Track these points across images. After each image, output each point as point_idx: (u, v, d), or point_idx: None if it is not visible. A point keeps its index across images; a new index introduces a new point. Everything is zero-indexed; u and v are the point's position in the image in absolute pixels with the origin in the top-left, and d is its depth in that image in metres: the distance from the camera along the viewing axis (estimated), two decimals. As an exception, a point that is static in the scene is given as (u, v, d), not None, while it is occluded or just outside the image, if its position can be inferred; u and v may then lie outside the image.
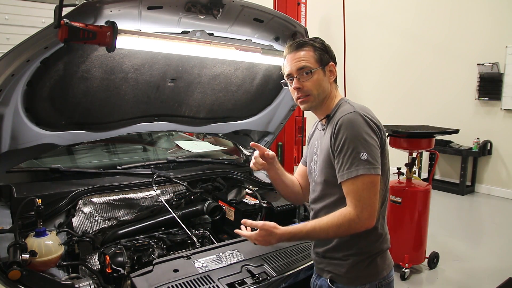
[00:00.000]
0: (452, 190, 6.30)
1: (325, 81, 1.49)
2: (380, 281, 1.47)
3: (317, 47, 1.49)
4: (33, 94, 1.73)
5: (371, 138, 1.36)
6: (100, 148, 2.75)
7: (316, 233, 1.40)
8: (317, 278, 1.58)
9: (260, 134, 2.80)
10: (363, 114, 1.39)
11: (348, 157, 1.34)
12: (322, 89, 1.48)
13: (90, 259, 1.88)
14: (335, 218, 1.36)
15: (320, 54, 1.48)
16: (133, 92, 2.04)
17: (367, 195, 1.33)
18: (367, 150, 1.34)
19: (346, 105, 1.47)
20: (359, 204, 1.33)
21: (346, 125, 1.37)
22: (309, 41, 1.51)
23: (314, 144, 1.60)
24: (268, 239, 1.43)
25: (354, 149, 1.34)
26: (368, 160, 1.33)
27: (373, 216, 1.35)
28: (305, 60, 1.46)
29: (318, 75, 1.47)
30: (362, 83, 7.71)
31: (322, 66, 1.48)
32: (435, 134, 3.67)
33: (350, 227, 1.34)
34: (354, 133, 1.35)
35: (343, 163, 1.36)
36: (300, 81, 1.47)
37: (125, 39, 1.52)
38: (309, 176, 1.64)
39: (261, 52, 1.98)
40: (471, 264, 3.85)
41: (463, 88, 6.39)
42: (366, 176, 1.33)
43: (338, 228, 1.35)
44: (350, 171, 1.34)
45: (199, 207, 2.21)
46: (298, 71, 1.47)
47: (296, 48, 1.49)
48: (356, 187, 1.34)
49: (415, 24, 6.97)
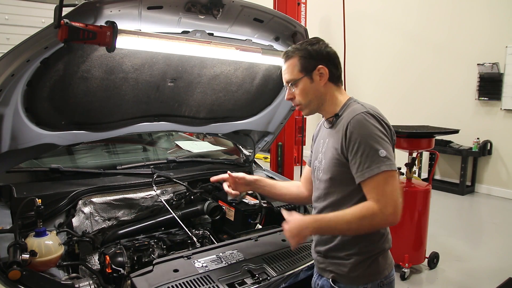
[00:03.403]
0: (452, 190, 6.30)
1: (314, 87, 1.47)
2: (382, 281, 1.47)
3: (302, 55, 1.47)
4: (33, 94, 1.73)
5: (384, 135, 1.37)
6: (100, 148, 2.74)
7: (337, 222, 1.37)
8: (319, 278, 1.58)
9: (260, 134, 2.80)
10: (374, 113, 1.40)
11: (366, 155, 1.34)
12: (311, 97, 1.48)
13: (90, 259, 1.88)
14: (357, 209, 1.34)
15: (304, 61, 1.46)
16: (133, 92, 2.03)
17: (390, 190, 1.32)
18: (384, 147, 1.34)
19: (355, 104, 1.46)
20: (382, 199, 1.32)
21: (359, 125, 1.36)
22: (295, 50, 1.49)
23: (319, 142, 1.59)
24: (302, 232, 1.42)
25: (372, 147, 1.33)
26: (387, 156, 1.33)
27: (397, 212, 1.33)
28: (288, 74, 1.49)
29: (303, 84, 1.47)
30: (362, 83, 7.71)
31: (307, 73, 1.46)
32: (435, 134, 3.67)
33: (373, 220, 1.32)
34: (369, 131, 1.35)
35: (361, 162, 1.34)
36: (289, 92, 1.51)
37: (125, 39, 1.52)
38: (312, 175, 1.64)
39: (261, 52, 1.98)
40: (471, 264, 3.85)
41: (463, 88, 6.39)
42: (388, 172, 1.33)
43: (360, 220, 1.33)
44: (371, 169, 1.33)
45: (199, 207, 2.21)
46: (286, 84, 1.51)
47: (284, 59, 1.52)
48: (377, 184, 1.33)
49: (415, 24, 6.97)
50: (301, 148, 5.40)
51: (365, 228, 1.37)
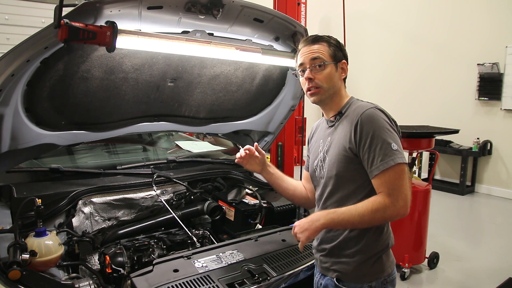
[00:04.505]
0: (452, 190, 6.30)
1: (336, 77, 1.51)
2: (385, 278, 1.48)
3: (332, 43, 1.52)
4: (33, 94, 1.73)
5: (393, 130, 1.41)
6: (100, 148, 2.74)
7: (350, 215, 1.37)
8: (322, 277, 1.57)
9: (260, 134, 2.80)
10: (382, 109, 1.44)
11: (380, 149, 1.36)
12: (332, 83, 1.50)
13: (90, 259, 1.87)
14: (369, 203, 1.36)
15: (334, 50, 1.50)
16: (133, 92, 2.03)
17: (400, 183, 1.35)
18: (395, 140, 1.38)
19: (360, 102, 1.50)
20: (394, 192, 1.34)
21: (370, 120, 1.39)
22: (325, 36, 1.54)
23: (319, 143, 1.60)
24: (311, 224, 1.42)
25: (384, 141, 1.36)
26: (398, 150, 1.37)
27: (407, 204, 1.36)
28: (319, 53, 1.49)
29: (330, 69, 1.49)
30: (362, 83, 7.71)
31: (335, 61, 1.50)
32: (435, 134, 3.67)
33: (385, 213, 1.34)
34: (380, 126, 1.38)
35: (375, 156, 1.36)
36: (312, 73, 1.49)
37: (125, 39, 1.52)
38: (312, 176, 1.64)
39: (261, 52, 1.97)
40: (471, 264, 3.85)
41: (463, 88, 6.39)
42: (400, 165, 1.35)
43: (373, 213, 1.34)
44: (386, 162, 1.35)
45: (199, 207, 2.21)
46: (311, 62, 1.49)
47: (311, 41, 1.52)
48: (389, 177, 1.35)
49: (415, 24, 6.97)
50: (301, 148, 5.40)
51: (376, 221, 1.39)
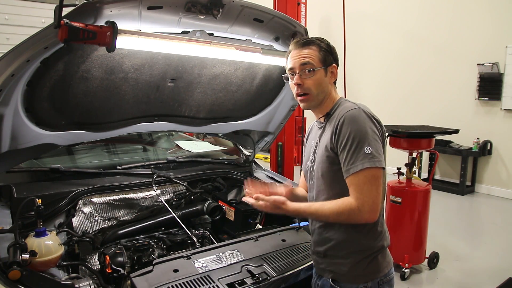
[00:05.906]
0: (452, 190, 6.30)
1: (326, 81, 1.50)
2: (382, 279, 1.48)
3: (323, 47, 1.50)
4: (33, 94, 1.73)
5: (374, 133, 1.39)
6: (100, 148, 2.75)
7: (318, 216, 1.45)
8: (318, 278, 1.58)
9: (260, 134, 2.80)
10: (366, 110, 1.42)
11: (353, 151, 1.36)
12: (321, 89, 1.49)
13: (90, 259, 1.88)
14: (336, 205, 1.39)
15: (324, 54, 1.49)
16: (133, 92, 2.03)
17: (368, 188, 1.35)
18: (371, 144, 1.36)
19: (347, 103, 1.49)
20: (361, 197, 1.35)
21: (350, 121, 1.39)
22: (315, 40, 1.52)
23: (311, 144, 1.60)
24: (275, 211, 1.49)
25: (359, 143, 1.35)
26: (373, 153, 1.35)
27: (375, 210, 1.36)
28: (309, 58, 1.47)
29: (319, 74, 1.48)
30: (362, 83, 7.71)
31: (325, 66, 1.49)
32: (435, 134, 3.67)
33: (349, 216, 1.37)
34: (359, 127, 1.37)
35: (347, 158, 1.37)
36: (302, 78, 1.48)
37: (125, 39, 1.52)
38: (305, 176, 1.65)
39: (261, 52, 1.98)
40: (471, 264, 3.85)
41: (463, 88, 6.39)
42: (370, 170, 1.34)
43: (338, 216, 1.38)
44: (355, 165, 1.35)
45: (199, 207, 2.22)
46: (301, 67, 1.48)
47: (302, 45, 1.50)
48: (358, 181, 1.35)
49: (415, 24, 6.96)
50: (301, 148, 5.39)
51: (343, 222, 1.43)
